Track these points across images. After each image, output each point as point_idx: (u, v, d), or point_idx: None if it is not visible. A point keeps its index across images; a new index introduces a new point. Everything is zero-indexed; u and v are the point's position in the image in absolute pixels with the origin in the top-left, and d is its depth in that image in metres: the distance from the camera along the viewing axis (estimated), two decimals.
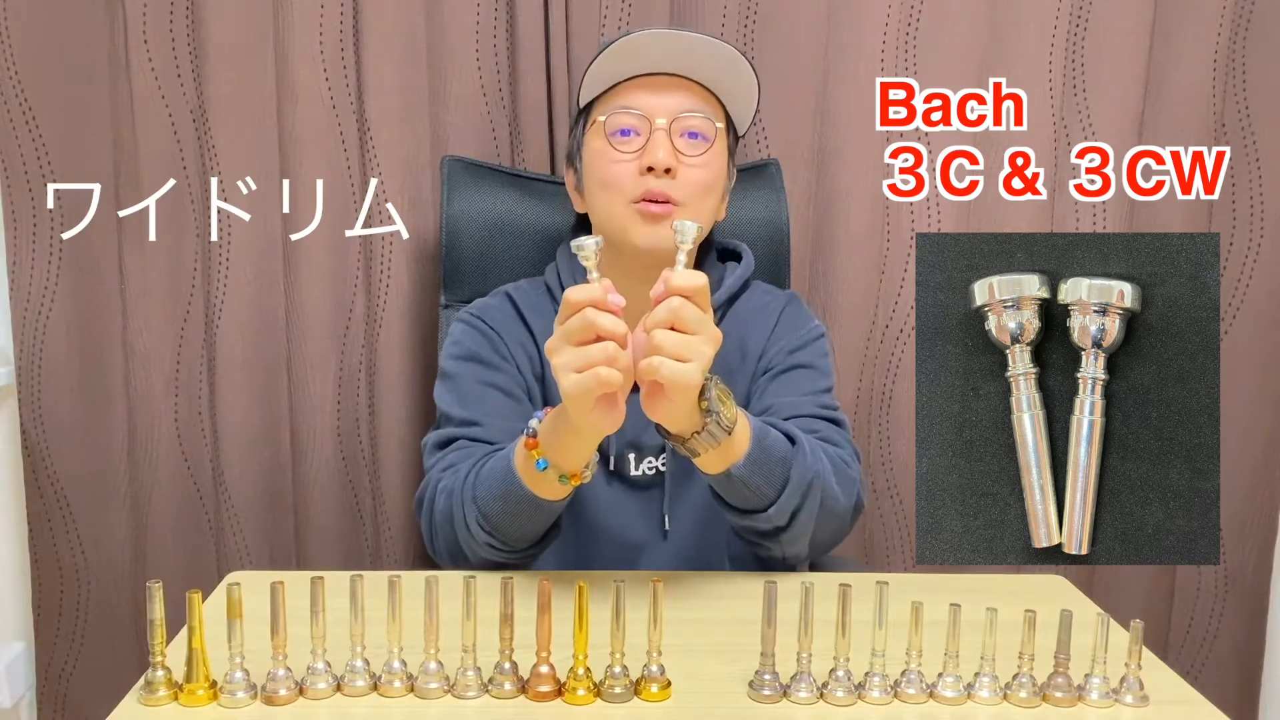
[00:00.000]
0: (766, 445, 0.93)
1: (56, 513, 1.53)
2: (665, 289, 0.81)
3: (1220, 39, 1.50)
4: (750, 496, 0.95)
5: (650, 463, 1.14)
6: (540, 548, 1.02)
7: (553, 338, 0.84)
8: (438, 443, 1.09)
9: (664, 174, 1.07)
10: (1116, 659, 0.78)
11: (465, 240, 1.36)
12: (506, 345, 1.14)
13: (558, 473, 0.92)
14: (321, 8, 1.42)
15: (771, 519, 0.96)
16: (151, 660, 0.74)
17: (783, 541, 1.00)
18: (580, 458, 0.93)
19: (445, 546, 1.04)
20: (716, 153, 1.11)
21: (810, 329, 1.18)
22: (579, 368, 0.81)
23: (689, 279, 0.81)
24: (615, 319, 0.81)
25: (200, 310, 1.50)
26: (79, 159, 1.45)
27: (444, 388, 1.13)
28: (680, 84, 1.10)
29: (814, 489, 0.97)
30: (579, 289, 0.81)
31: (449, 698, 0.76)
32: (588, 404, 0.83)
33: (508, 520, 0.96)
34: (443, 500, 1.02)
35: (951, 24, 1.48)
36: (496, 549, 0.99)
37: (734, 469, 0.92)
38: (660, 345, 0.80)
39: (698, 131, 1.10)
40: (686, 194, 1.08)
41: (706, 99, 1.12)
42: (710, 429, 0.88)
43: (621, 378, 0.81)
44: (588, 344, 0.81)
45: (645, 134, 1.08)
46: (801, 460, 0.96)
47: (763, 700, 0.76)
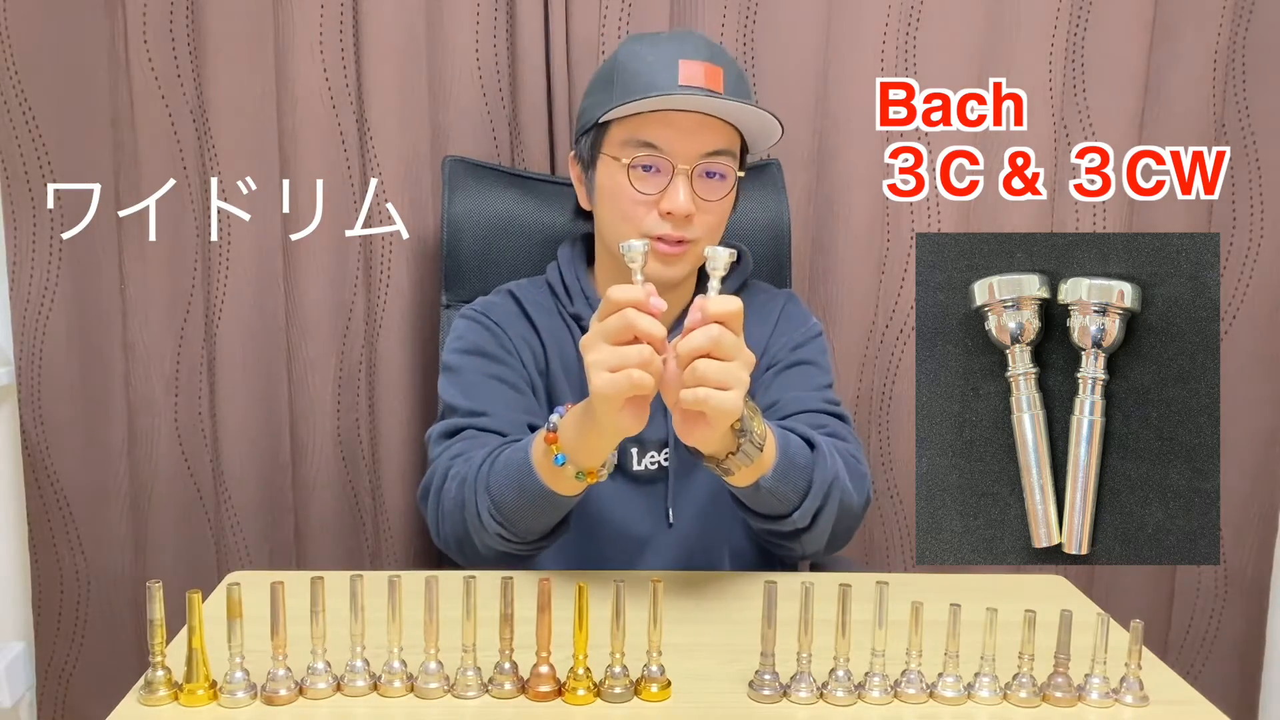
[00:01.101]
0: (791, 454, 0.95)
1: (56, 513, 1.53)
2: (702, 316, 0.81)
3: (1220, 39, 1.50)
4: (777, 504, 0.96)
5: (653, 457, 1.14)
6: (549, 541, 1.02)
7: (589, 334, 0.83)
8: (444, 432, 1.09)
9: (683, 218, 1.06)
10: (1116, 659, 0.78)
11: (466, 240, 1.36)
12: (511, 340, 1.15)
13: (575, 469, 0.92)
14: (321, 8, 1.42)
15: (795, 522, 0.98)
16: (151, 660, 0.74)
17: (803, 541, 1.02)
18: (599, 456, 0.93)
19: (452, 533, 1.03)
20: (733, 190, 1.11)
21: (810, 326, 1.20)
22: (613, 367, 0.81)
23: (726, 304, 0.81)
24: (655, 323, 0.80)
25: (200, 310, 1.50)
26: (79, 159, 1.45)
27: (448, 381, 1.13)
28: (706, 122, 1.07)
29: (834, 490, 0.99)
30: (622, 288, 0.81)
31: (449, 698, 0.76)
32: (616, 404, 0.83)
33: (520, 512, 0.97)
34: (454, 487, 1.02)
35: (951, 24, 1.48)
36: (506, 539, 0.99)
37: (763, 481, 0.93)
38: (705, 376, 0.80)
39: (716, 171, 1.08)
40: (701, 233, 1.09)
41: (728, 136, 1.09)
42: (745, 449, 0.88)
43: (653, 382, 0.81)
44: (625, 344, 0.81)
45: (667, 173, 1.07)
46: (822, 465, 0.98)
47: (763, 700, 0.76)
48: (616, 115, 1.07)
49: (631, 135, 1.07)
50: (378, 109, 1.44)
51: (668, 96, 1.04)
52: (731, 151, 1.09)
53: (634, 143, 1.07)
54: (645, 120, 1.07)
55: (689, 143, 1.06)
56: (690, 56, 1.07)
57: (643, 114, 1.07)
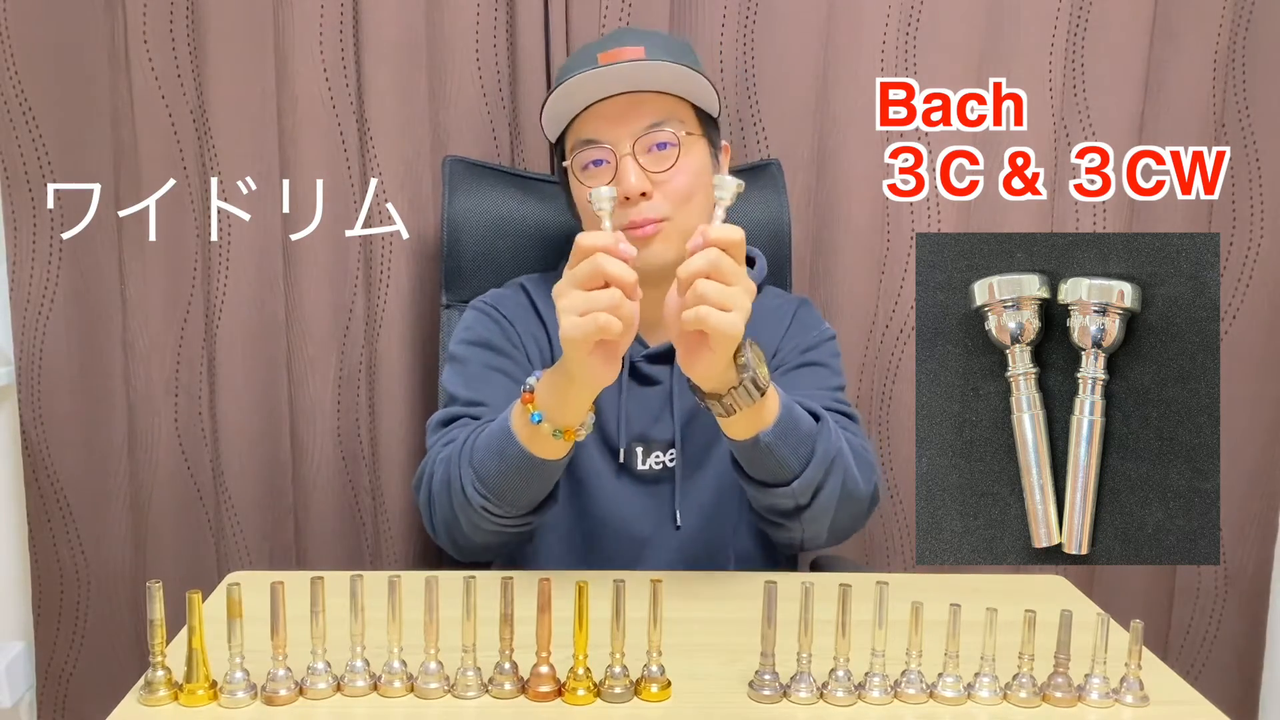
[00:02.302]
0: (794, 416, 0.94)
1: (56, 513, 1.53)
2: (703, 240, 0.82)
3: (1220, 39, 1.50)
4: (776, 468, 0.95)
5: (658, 457, 1.14)
6: (536, 516, 1.01)
7: (560, 281, 0.84)
8: (441, 420, 1.09)
9: (640, 198, 1.05)
10: (1116, 659, 0.78)
11: (466, 240, 1.36)
12: (518, 334, 1.15)
13: (552, 427, 0.92)
14: (321, 8, 1.42)
15: (794, 494, 0.97)
16: (151, 660, 0.74)
17: (804, 520, 1.00)
18: (576, 413, 0.93)
19: (442, 518, 1.03)
20: (691, 153, 1.08)
21: (822, 330, 1.19)
22: (581, 311, 0.82)
23: (727, 231, 0.82)
24: (624, 266, 0.82)
25: (200, 310, 1.50)
26: (79, 159, 1.45)
27: (451, 371, 1.14)
28: (635, 100, 1.06)
29: (836, 467, 0.98)
30: (590, 235, 0.82)
31: (449, 698, 0.76)
32: (585, 349, 0.84)
33: (504, 480, 0.96)
34: (441, 469, 1.02)
35: (951, 24, 1.48)
36: (491, 515, 0.98)
37: (762, 435, 0.92)
38: (704, 294, 0.81)
39: (664, 142, 1.07)
40: (669, 206, 1.07)
41: (666, 104, 1.08)
42: (745, 385, 0.88)
43: (621, 325, 0.82)
44: (595, 290, 0.82)
45: (613, 162, 1.06)
46: (826, 436, 0.97)
47: (763, 700, 0.76)
48: (548, 120, 1.10)
49: (574, 139, 1.09)
50: (378, 109, 1.44)
51: (580, 74, 1.04)
52: (674, 118, 1.07)
53: (577, 145, 1.09)
54: (580, 120, 1.08)
55: (621, 125, 1.06)
56: (609, 47, 1.08)
57: (577, 116, 1.08)
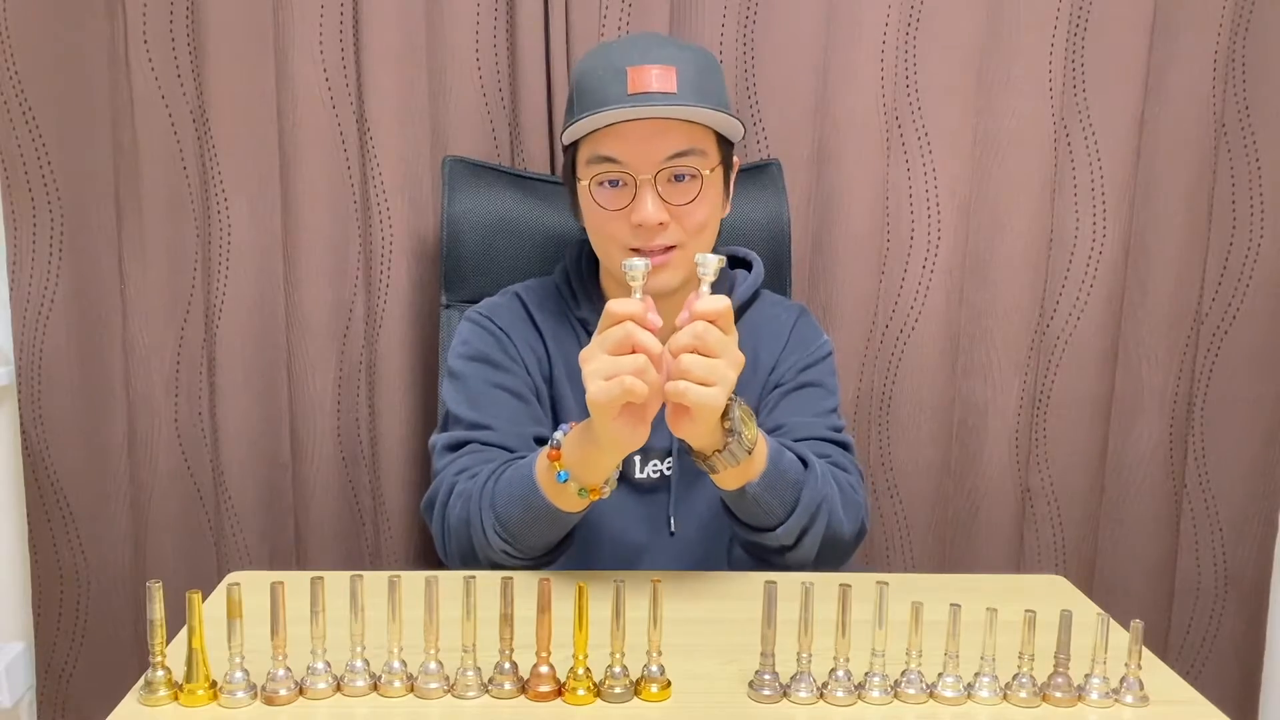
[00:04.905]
0: (781, 467, 0.96)
1: (56, 513, 1.53)
2: (690, 314, 0.83)
3: (1220, 39, 1.50)
4: (762, 515, 0.97)
5: (655, 466, 1.14)
6: (553, 556, 1.03)
7: (589, 345, 0.86)
8: (448, 444, 1.09)
9: (654, 227, 1.04)
10: (1116, 659, 0.78)
11: (466, 240, 1.36)
12: (515, 346, 1.14)
13: (578, 486, 0.93)
14: (321, 8, 1.42)
15: (779, 538, 0.99)
16: (151, 660, 0.74)
17: (787, 560, 1.03)
18: (601, 473, 0.94)
19: (458, 550, 1.04)
20: (709, 185, 1.06)
21: (820, 345, 1.19)
22: (608, 375, 0.83)
23: (713, 304, 0.83)
24: (651, 337, 0.83)
25: (200, 310, 1.50)
26: (79, 159, 1.45)
27: (452, 388, 1.13)
28: (662, 126, 1.03)
29: (821, 513, 1.00)
30: (623, 302, 0.83)
31: (449, 698, 0.76)
32: (611, 412, 0.85)
33: (525, 529, 0.98)
34: (459, 506, 1.03)
35: (951, 24, 1.48)
36: (511, 556, 1.00)
37: (749, 487, 0.94)
38: (688, 370, 0.83)
39: (685, 173, 1.04)
40: (683, 236, 1.05)
41: (692, 134, 1.04)
42: (731, 448, 0.90)
43: (646, 390, 0.83)
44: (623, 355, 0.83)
45: (631, 186, 1.04)
46: (813, 484, 0.99)
47: (763, 700, 0.76)
48: (572, 137, 1.07)
49: (593, 152, 1.05)
50: (378, 109, 1.44)
51: (612, 110, 1.01)
52: (698, 150, 1.04)
53: (595, 159, 1.05)
54: (602, 136, 1.04)
55: (647, 151, 1.03)
56: (638, 62, 1.03)
57: (599, 130, 1.04)
